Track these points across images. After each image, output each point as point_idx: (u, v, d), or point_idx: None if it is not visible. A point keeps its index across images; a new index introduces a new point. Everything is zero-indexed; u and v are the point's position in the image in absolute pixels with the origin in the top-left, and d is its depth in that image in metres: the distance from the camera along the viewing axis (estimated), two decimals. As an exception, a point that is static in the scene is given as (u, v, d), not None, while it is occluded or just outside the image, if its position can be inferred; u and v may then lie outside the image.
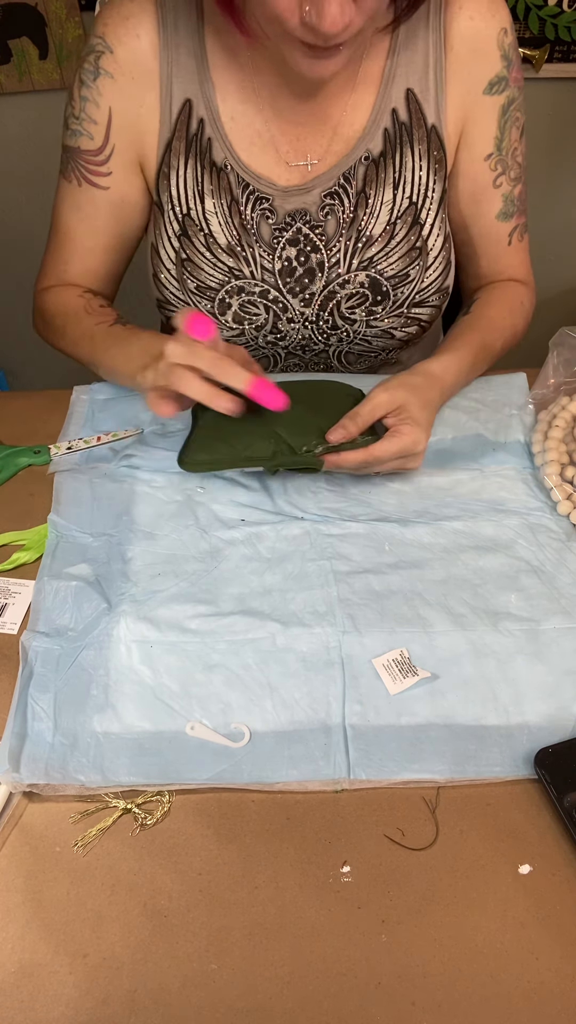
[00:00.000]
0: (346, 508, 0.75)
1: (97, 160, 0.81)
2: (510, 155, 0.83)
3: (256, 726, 0.59)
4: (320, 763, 0.57)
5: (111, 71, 0.77)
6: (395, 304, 0.85)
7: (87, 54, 0.78)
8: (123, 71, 0.77)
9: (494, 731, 0.59)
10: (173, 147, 0.79)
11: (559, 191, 1.82)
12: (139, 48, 0.76)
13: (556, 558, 0.71)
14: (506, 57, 0.79)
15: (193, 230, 0.82)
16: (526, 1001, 0.48)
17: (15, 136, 1.67)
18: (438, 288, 0.86)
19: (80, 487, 0.77)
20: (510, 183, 0.85)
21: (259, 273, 0.84)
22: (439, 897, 0.52)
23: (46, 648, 0.63)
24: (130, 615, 0.65)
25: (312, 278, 0.84)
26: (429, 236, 0.83)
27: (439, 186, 0.82)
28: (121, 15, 0.76)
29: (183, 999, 0.48)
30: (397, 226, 0.82)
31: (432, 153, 0.80)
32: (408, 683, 0.61)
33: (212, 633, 0.65)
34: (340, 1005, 0.48)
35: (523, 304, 0.91)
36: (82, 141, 0.81)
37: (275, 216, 0.81)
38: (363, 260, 0.83)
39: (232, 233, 0.82)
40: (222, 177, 0.80)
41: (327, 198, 0.81)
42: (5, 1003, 0.48)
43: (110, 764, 0.57)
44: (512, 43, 0.79)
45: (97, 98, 0.78)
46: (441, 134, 0.80)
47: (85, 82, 0.79)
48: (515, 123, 0.83)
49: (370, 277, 0.84)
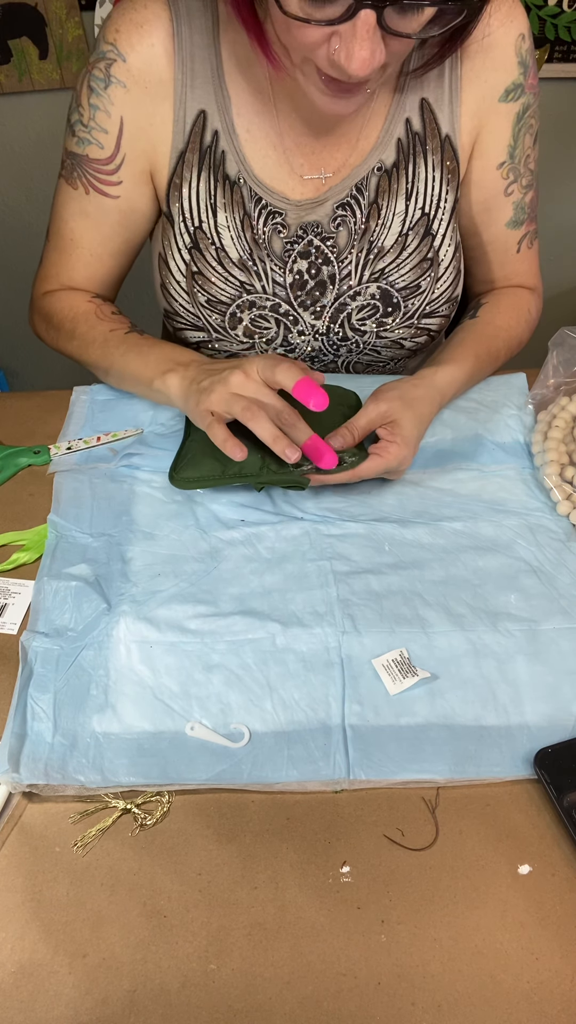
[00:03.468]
0: (346, 508, 0.75)
1: (107, 169, 0.79)
2: (522, 163, 0.82)
3: (256, 726, 0.59)
4: (320, 763, 0.57)
5: (123, 80, 0.75)
6: (406, 315, 0.85)
7: (97, 60, 0.76)
8: (136, 80, 0.75)
9: (494, 731, 0.59)
10: (186, 159, 0.78)
11: (559, 191, 1.83)
12: (153, 57, 0.74)
13: (556, 558, 0.71)
14: (523, 63, 0.77)
15: (204, 243, 0.81)
16: (526, 1001, 0.48)
17: (15, 136, 1.67)
18: (448, 298, 0.86)
19: (80, 487, 0.77)
20: (521, 191, 0.84)
21: (270, 287, 0.83)
22: (439, 897, 0.52)
23: (46, 648, 0.64)
24: (130, 615, 0.65)
25: (323, 291, 0.84)
26: (440, 247, 0.82)
27: (451, 196, 0.81)
28: (135, 22, 0.74)
29: (183, 999, 0.48)
30: (409, 237, 0.81)
31: (445, 163, 0.80)
32: (408, 683, 0.61)
33: (212, 633, 0.65)
34: (340, 1005, 0.48)
35: (530, 312, 0.90)
36: (91, 150, 0.79)
37: (287, 230, 0.81)
38: (374, 272, 0.82)
39: (244, 247, 0.81)
40: (235, 191, 0.79)
41: (339, 210, 0.80)
42: (5, 1003, 0.48)
43: (110, 764, 0.57)
44: (529, 48, 0.77)
45: (108, 107, 0.76)
46: (455, 144, 0.79)
47: (95, 90, 0.76)
48: (529, 130, 0.81)
49: (381, 289, 0.83)
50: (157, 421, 0.83)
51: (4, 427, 0.87)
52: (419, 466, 0.80)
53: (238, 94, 0.76)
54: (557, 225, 1.87)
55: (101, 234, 0.85)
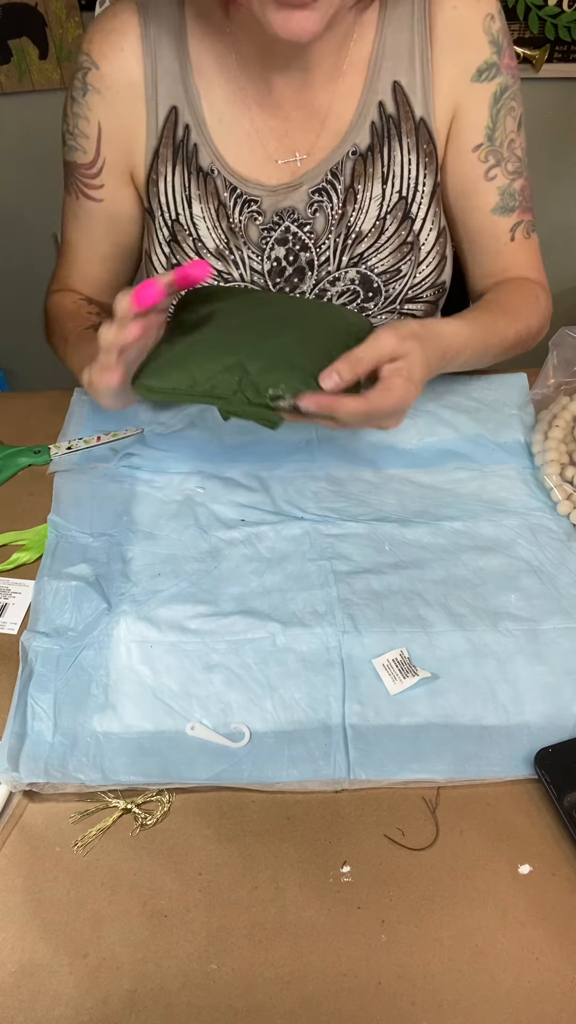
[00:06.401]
0: (346, 508, 0.75)
1: (90, 174, 0.82)
2: (505, 146, 0.81)
3: (256, 726, 0.59)
4: (320, 763, 0.57)
5: (98, 87, 0.78)
6: (387, 300, 0.85)
7: (76, 71, 0.79)
8: (109, 85, 0.78)
9: (494, 731, 0.59)
10: (160, 154, 0.80)
11: (559, 191, 1.82)
12: (124, 61, 0.77)
13: (556, 558, 0.71)
14: (495, 43, 0.77)
15: (182, 235, 0.82)
16: (526, 1001, 0.48)
17: (15, 136, 1.67)
18: (432, 283, 0.86)
19: (80, 487, 0.77)
20: (507, 176, 0.82)
21: (248, 275, 0.83)
22: (439, 897, 0.52)
23: (46, 648, 0.64)
24: (130, 615, 0.65)
25: (302, 277, 0.84)
26: (421, 231, 0.82)
27: (430, 180, 0.81)
28: (104, 31, 0.77)
29: (183, 999, 0.48)
30: (387, 221, 0.81)
31: (422, 146, 0.79)
32: (408, 683, 0.61)
33: (212, 633, 0.65)
34: (340, 1005, 0.48)
35: (539, 300, 0.86)
36: (77, 156, 0.82)
37: (263, 217, 0.81)
38: (353, 256, 0.82)
39: (220, 236, 0.82)
40: (208, 181, 0.80)
41: (315, 195, 0.80)
42: (5, 1003, 0.48)
43: (110, 763, 0.57)
44: (501, 28, 0.77)
45: (87, 114, 0.80)
46: (430, 127, 0.79)
47: (76, 99, 0.80)
48: (510, 112, 0.80)
49: (360, 273, 0.83)
50: (157, 421, 0.83)
51: (4, 427, 0.87)
52: (420, 466, 0.80)
53: (208, 87, 0.78)
54: (557, 224, 1.87)
55: (92, 238, 0.87)
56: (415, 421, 0.83)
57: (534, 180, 0.86)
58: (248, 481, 0.78)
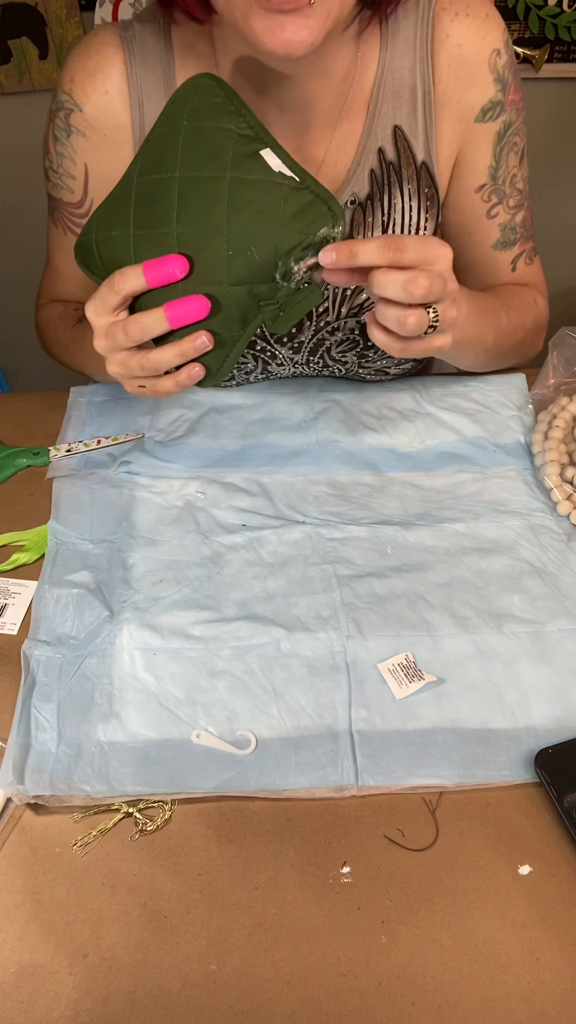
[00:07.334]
0: (347, 512, 0.75)
1: (79, 213, 0.80)
2: (508, 183, 0.79)
3: (262, 733, 0.59)
4: (328, 769, 0.57)
5: (82, 129, 0.75)
6: None
7: (57, 109, 0.76)
8: (94, 128, 0.75)
9: (501, 734, 0.59)
10: None
11: (559, 191, 1.82)
12: (108, 104, 0.73)
13: (558, 559, 0.71)
14: (500, 80, 0.73)
15: None
16: (526, 1002, 0.48)
17: (15, 136, 1.67)
18: None
19: (79, 493, 0.77)
20: (508, 212, 0.81)
21: None
22: (439, 898, 0.52)
23: (48, 657, 0.63)
24: (132, 622, 0.64)
25: (300, 328, 0.82)
26: None
27: (431, 223, 0.79)
28: (88, 71, 0.73)
29: (183, 999, 0.48)
30: None
31: (423, 191, 0.77)
32: (414, 687, 0.61)
33: (216, 639, 0.64)
34: (340, 1006, 0.48)
35: (536, 302, 0.86)
36: (63, 194, 0.80)
37: None
38: (353, 307, 0.80)
39: None
40: None
41: None
42: (5, 1003, 0.48)
43: (115, 774, 0.57)
44: (507, 63, 0.73)
45: (72, 155, 0.76)
46: (432, 171, 0.76)
47: (59, 139, 0.77)
48: (513, 148, 0.77)
49: (360, 323, 0.81)
50: (155, 427, 0.83)
51: (4, 427, 0.87)
52: (421, 469, 0.80)
53: None
54: (557, 225, 1.87)
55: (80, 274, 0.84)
56: (415, 424, 0.83)
57: (534, 180, 0.85)
58: (249, 486, 0.77)
